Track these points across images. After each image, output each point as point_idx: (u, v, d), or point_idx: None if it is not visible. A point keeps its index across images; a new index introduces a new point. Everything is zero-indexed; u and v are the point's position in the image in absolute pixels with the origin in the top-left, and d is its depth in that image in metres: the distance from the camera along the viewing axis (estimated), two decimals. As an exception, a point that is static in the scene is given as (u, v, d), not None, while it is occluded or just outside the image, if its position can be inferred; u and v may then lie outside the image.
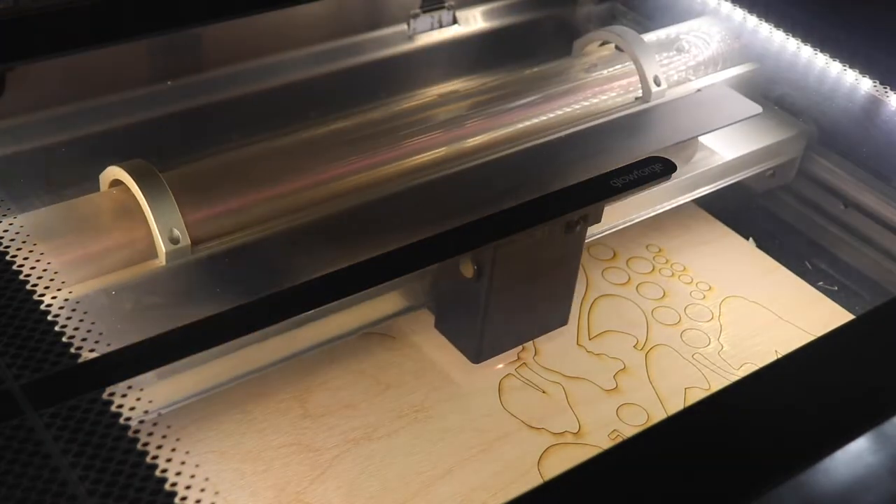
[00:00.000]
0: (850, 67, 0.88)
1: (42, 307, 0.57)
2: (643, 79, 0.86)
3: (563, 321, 0.80)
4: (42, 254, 0.61)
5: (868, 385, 0.56)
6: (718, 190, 0.91)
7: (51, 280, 0.59)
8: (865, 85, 0.88)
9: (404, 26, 0.94)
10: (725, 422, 0.53)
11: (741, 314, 0.84)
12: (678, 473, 0.50)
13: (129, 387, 0.53)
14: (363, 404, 0.73)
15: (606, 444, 0.72)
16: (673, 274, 0.87)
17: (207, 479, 0.49)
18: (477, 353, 0.76)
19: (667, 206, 0.87)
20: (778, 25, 0.93)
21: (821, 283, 0.90)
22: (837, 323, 0.61)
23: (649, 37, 0.92)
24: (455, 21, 0.97)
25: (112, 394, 0.52)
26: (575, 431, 0.73)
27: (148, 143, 0.80)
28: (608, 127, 0.83)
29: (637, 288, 0.86)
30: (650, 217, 0.88)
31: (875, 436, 0.52)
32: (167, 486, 0.48)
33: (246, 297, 0.63)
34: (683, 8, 0.99)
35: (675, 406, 0.76)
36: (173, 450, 0.49)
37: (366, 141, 0.76)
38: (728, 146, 0.90)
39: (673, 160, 0.77)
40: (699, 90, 0.89)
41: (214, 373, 0.68)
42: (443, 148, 0.78)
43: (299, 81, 0.90)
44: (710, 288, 0.86)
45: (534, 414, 0.74)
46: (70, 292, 0.59)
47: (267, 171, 0.72)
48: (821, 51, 0.90)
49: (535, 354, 0.78)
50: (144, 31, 0.79)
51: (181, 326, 0.59)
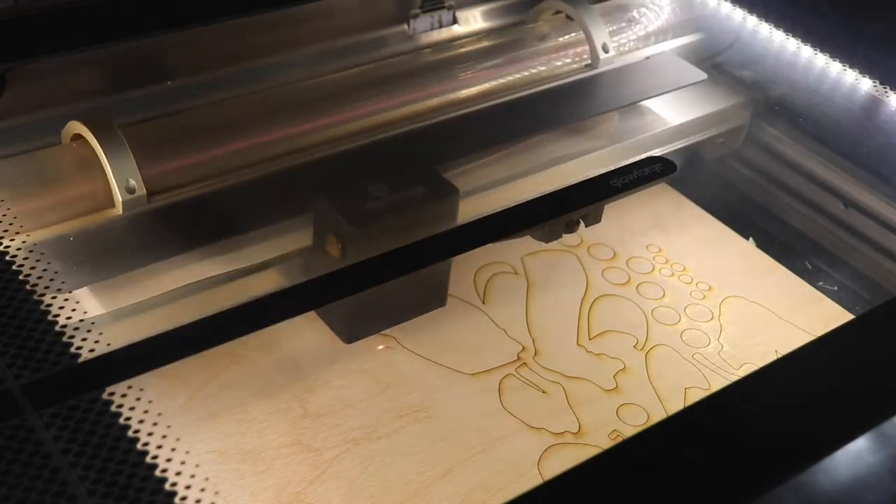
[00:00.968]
0: (793, 36, 0.92)
1: (2, 250, 0.60)
2: (592, 46, 0.90)
3: (441, 302, 0.80)
4: (2, 201, 0.65)
5: (868, 385, 0.56)
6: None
7: (10, 225, 0.63)
8: (807, 52, 0.91)
9: (404, 26, 0.94)
10: (725, 422, 0.53)
11: (741, 314, 0.84)
12: (678, 474, 0.50)
13: (129, 387, 0.53)
14: (363, 404, 0.72)
15: (607, 444, 0.72)
16: (673, 274, 0.87)
17: (207, 479, 0.49)
18: (348, 334, 0.76)
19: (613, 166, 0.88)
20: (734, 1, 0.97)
21: (820, 283, 0.90)
22: (837, 323, 0.61)
23: (602, 7, 0.95)
24: (455, 21, 0.97)
25: (112, 394, 0.52)
26: (575, 431, 0.73)
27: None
28: (556, 91, 0.87)
29: (637, 288, 0.86)
30: (650, 217, 0.88)
31: (875, 436, 0.52)
32: (167, 486, 0.48)
33: (197, 245, 0.69)
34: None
35: (676, 406, 0.76)
36: (173, 450, 0.49)
37: (319, 100, 0.80)
38: (675, 112, 0.92)
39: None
40: (647, 58, 0.93)
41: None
42: (395, 109, 0.81)
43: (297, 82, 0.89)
44: (710, 288, 0.86)
45: (534, 414, 0.74)
46: (28, 236, 0.63)
47: (222, 128, 0.76)
48: (765, 20, 0.94)
49: (535, 354, 0.78)
50: (144, 31, 0.79)
51: (182, 326, 0.59)
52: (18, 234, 0.63)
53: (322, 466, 0.68)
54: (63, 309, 0.57)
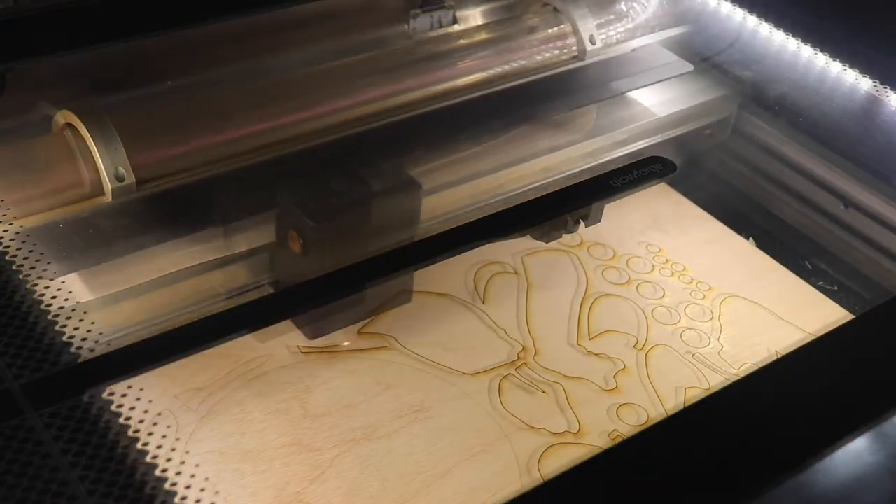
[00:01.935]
0: (777, 27, 0.93)
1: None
2: (579, 38, 0.91)
3: (406, 298, 0.80)
4: None
5: (867, 384, 0.56)
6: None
7: (3, 215, 0.63)
8: (792, 44, 0.92)
9: (404, 26, 0.94)
10: (724, 422, 0.53)
11: (741, 314, 0.84)
12: (677, 473, 0.50)
13: (129, 386, 0.53)
14: (363, 404, 0.72)
15: (606, 444, 0.72)
16: (672, 274, 0.87)
17: (207, 479, 0.49)
18: (312, 330, 0.76)
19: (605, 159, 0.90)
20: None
21: (820, 283, 0.90)
22: (837, 322, 0.61)
23: None
24: (455, 21, 0.97)
25: (112, 393, 0.52)
26: (575, 431, 0.73)
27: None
28: (544, 82, 0.88)
29: (636, 288, 0.86)
30: (649, 217, 0.88)
31: (874, 435, 0.52)
32: (167, 486, 0.48)
33: (186, 233, 0.70)
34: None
35: (675, 406, 0.76)
36: (173, 450, 0.49)
37: (308, 90, 0.81)
38: (662, 105, 0.93)
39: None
40: (634, 50, 0.93)
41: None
42: (382, 100, 0.82)
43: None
44: (710, 288, 0.86)
45: (533, 414, 0.74)
46: (21, 225, 0.63)
47: (211, 117, 0.76)
48: (753, 13, 0.95)
49: (535, 354, 0.78)
50: (144, 31, 0.79)
51: (180, 326, 0.59)
52: (9, 222, 0.63)
53: (322, 466, 0.68)
54: (56, 298, 0.57)
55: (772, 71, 0.95)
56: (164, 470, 0.48)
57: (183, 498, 0.48)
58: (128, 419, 0.51)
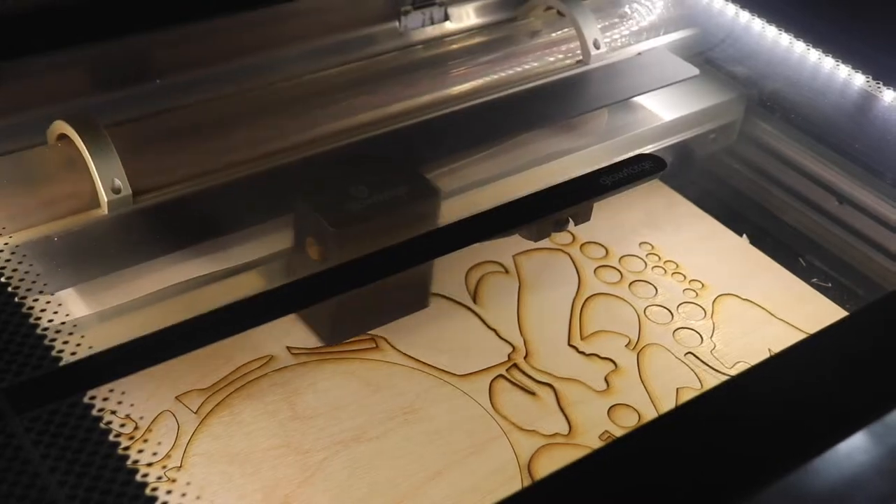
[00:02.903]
0: (786, 31, 0.92)
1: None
2: (583, 42, 0.89)
3: (423, 303, 0.79)
4: None
5: (862, 383, 0.55)
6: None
7: None
8: (800, 48, 0.91)
9: (395, 23, 0.94)
10: (717, 421, 0.53)
11: (734, 312, 0.84)
12: (668, 473, 0.49)
13: (111, 390, 0.52)
14: (353, 406, 0.72)
15: (598, 446, 0.71)
16: (666, 272, 0.87)
17: (191, 484, 0.48)
18: (330, 336, 0.75)
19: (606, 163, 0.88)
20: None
21: (815, 280, 0.90)
22: (831, 320, 0.60)
23: (593, 2, 0.94)
24: (447, 17, 0.96)
25: (93, 397, 0.51)
26: (566, 433, 0.72)
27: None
28: (547, 87, 0.87)
29: (630, 287, 0.85)
30: (642, 215, 0.87)
31: (868, 434, 0.51)
32: (149, 491, 0.47)
33: (182, 245, 0.69)
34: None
35: (668, 406, 0.75)
36: (155, 454, 0.49)
37: (306, 99, 0.80)
38: (668, 108, 0.92)
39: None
40: (639, 54, 0.92)
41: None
42: (385, 107, 0.81)
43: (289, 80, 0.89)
44: (704, 286, 0.86)
45: (525, 416, 0.73)
46: (10, 237, 0.63)
47: (208, 128, 0.76)
48: (759, 16, 0.94)
49: (527, 356, 0.77)
50: (133, 29, 0.78)
51: (165, 328, 0.59)
52: (1, 237, 0.62)
53: (311, 469, 0.67)
54: (45, 311, 0.56)
55: (774, 70, 0.94)
56: (146, 475, 0.48)
57: (164, 503, 0.47)
58: (109, 423, 0.50)
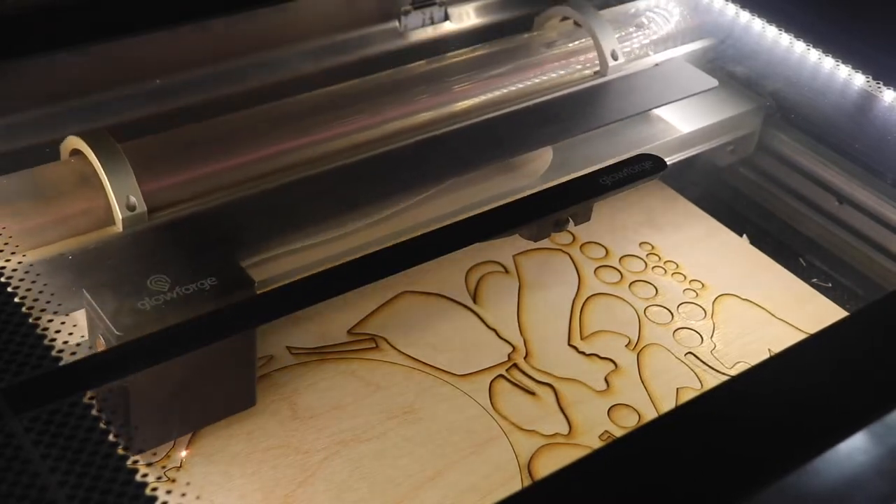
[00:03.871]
0: (802, 40, 0.91)
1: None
2: (600, 53, 0.88)
3: (250, 402, 0.70)
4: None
5: (862, 383, 0.55)
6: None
7: (5, 244, 0.61)
8: (813, 56, 0.90)
9: (395, 23, 0.94)
10: (716, 421, 0.53)
11: (734, 312, 0.84)
12: (668, 473, 0.49)
13: (111, 390, 0.52)
14: (352, 406, 0.72)
15: (598, 446, 0.71)
16: (666, 272, 0.87)
17: (190, 484, 0.48)
18: (132, 443, 0.63)
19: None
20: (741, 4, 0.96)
21: (815, 280, 0.90)
22: (831, 320, 0.60)
23: (610, 12, 0.93)
24: (447, 17, 0.96)
25: (93, 397, 0.51)
26: (566, 433, 0.72)
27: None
28: (565, 99, 0.85)
29: (630, 287, 0.85)
30: (643, 214, 0.87)
31: (868, 434, 0.51)
32: (149, 491, 0.47)
33: (199, 264, 0.65)
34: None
35: (668, 406, 0.75)
36: (154, 454, 0.49)
37: (320, 114, 0.78)
38: (685, 120, 0.91)
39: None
40: (657, 64, 0.91)
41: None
42: (400, 121, 0.80)
43: (288, 80, 0.89)
44: (704, 286, 0.86)
45: (524, 416, 0.73)
46: (24, 255, 0.61)
47: (223, 143, 0.75)
48: (777, 26, 0.92)
49: (527, 356, 0.77)
50: (131, 30, 0.78)
51: (163, 329, 0.59)
52: (15, 254, 0.61)
53: (310, 469, 0.67)
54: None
55: (766, 67, 0.94)
56: (146, 475, 0.48)
57: (164, 503, 0.47)
58: (109, 423, 0.50)
